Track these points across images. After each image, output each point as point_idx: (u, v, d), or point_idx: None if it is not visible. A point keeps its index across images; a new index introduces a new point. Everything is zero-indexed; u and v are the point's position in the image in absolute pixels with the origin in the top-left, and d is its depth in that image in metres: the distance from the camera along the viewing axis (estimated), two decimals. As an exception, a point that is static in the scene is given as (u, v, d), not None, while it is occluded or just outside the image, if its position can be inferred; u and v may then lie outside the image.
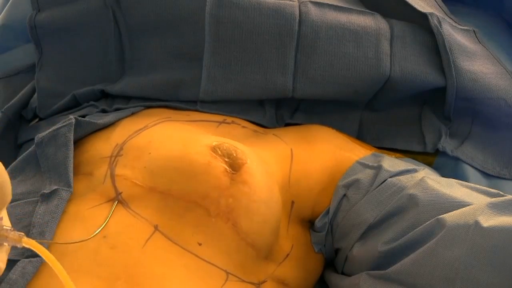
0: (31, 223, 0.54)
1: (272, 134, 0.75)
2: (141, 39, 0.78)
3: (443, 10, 0.86)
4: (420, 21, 0.79)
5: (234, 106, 0.77)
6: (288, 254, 0.65)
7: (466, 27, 0.85)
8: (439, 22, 0.78)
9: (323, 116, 0.81)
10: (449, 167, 0.77)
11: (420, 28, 0.79)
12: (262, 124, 0.78)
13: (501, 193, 0.58)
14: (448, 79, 0.77)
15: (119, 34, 0.79)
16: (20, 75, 0.91)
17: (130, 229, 0.55)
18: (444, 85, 0.78)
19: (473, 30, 0.86)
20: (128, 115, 0.72)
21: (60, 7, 0.81)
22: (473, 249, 0.48)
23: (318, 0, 0.78)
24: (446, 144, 0.78)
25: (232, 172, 0.58)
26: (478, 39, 0.85)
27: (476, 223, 0.50)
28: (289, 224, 0.67)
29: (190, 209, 0.57)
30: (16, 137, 0.83)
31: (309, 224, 0.70)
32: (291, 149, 0.71)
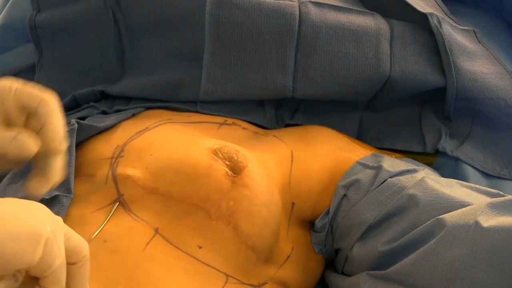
0: None
1: (273, 136, 0.75)
2: (141, 39, 0.78)
3: (443, 10, 0.86)
4: (420, 21, 0.79)
5: (234, 107, 0.77)
6: (289, 256, 0.65)
7: (466, 27, 0.85)
8: (439, 22, 0.78)
9: (323, 117, 0.81)
10: (449, 167, 0.77)
11: (420, 28, 0.79)
12: (262, 125, 0.78)
13: (501, 193, 0.58)
14: (448, 79, 0.77)
15: (119, 34, 0.79)
16: (20, 75, 0.91)
17: (131, 232, 0.55)
18: (444, 85, 0.78)
19: (473, 30, 0.86)
20: (129, 117, 0.72)
21: (60, 7, 0.81)
22: (473, 249, 0.49)
23: (318, 0, 0.78)
24: (446, 144, 0.78)
25: (233, 175, 0.58)
26: (478, 39, 0.85)
27: (476, 223, 0.50)
28: (290, 226, 0.67)
29: (191, 212, 0.57)
30: (16, 138, 0.83)
31: (309, 225, 0.70)
32: (292, 151, 0.71)
